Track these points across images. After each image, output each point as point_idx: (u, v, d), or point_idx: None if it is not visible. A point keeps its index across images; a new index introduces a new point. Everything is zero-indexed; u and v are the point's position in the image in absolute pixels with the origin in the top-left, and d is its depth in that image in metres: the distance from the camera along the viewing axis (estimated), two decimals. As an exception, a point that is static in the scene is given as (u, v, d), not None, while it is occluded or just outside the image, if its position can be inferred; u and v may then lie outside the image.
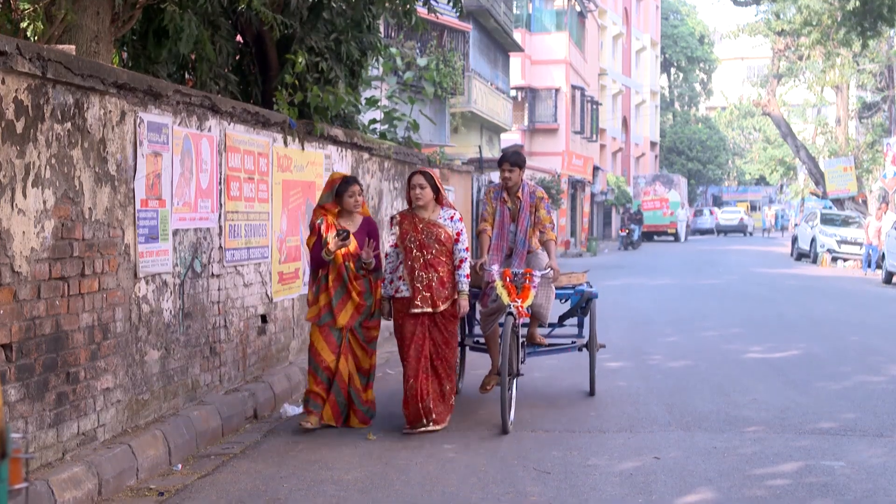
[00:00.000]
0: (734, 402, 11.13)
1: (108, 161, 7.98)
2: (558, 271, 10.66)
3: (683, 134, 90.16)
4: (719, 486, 7.86)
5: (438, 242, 9.81)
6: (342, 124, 15.07)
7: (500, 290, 10.11)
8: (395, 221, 10.02)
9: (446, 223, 9.90)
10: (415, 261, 9.78)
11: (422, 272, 9.75)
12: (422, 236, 9.79)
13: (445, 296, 9.80)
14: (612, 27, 70.39)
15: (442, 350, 9.84)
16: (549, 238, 10.78)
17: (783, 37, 47.54)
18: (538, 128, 55.23)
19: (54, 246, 7.21)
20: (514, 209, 10.84)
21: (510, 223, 10.85)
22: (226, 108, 10.21)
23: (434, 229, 9.83)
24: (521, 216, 10.78)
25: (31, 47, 6.83)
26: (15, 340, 6.75)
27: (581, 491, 7.72)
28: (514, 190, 10.83)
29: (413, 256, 9.78)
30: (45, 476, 6.81)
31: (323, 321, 9.93)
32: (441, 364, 9.84)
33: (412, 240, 9.80)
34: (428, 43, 32.40)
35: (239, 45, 14.73)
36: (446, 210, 10.00)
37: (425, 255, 9.77)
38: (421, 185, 9.83)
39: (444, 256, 9.85)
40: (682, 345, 16.03)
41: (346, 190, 10.04)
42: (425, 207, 9.88)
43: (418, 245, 9.78)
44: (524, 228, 10.78)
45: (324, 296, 9.95)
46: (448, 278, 9.84)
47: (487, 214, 10.91)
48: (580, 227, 58.15)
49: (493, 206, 10.89)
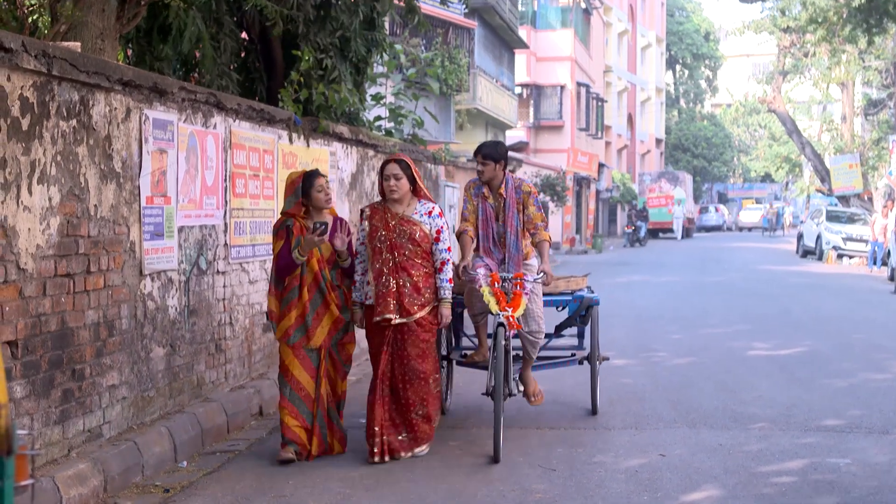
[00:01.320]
0: (739, 400, 11.12)
1: (113, 158, 7.98)
2: (552, 276, 9.28)
3: (689, 131, 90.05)
4: (725, 483, 7.85)
5: (412, 242, 8.55)
6: (347, 121, 15.07)
7: (488, 298, 8.81)
8: (365, 216, 8.77)
9: (423, 220, 8.64)
10: (383, 263, 8.54)
11: (389, 276, 8.48)
12: (393, 235, 8.56)
13: (421, 303, 8.55)
14: (618, 24, 70.35)
15: (414, 367, 8.53)
16: (543, 238, 9.38)
17: (789, 33, 47.43)
18: (543, 125, 55.19)
19: (60, 243, 7.21)
20: (497, 207, 9.48)
21: (494, 222, 9.47)
22: (231, 105, 10.21)
23: (408, 227, 8.58)
24: (509, 215, 9.40)
25: (36, 44, 6.83)
26: (21, 337, 6.75)
27: (586, 488, 7.72)
28: (494, 185, 9.48)
29: (382, 258, 8.55)
30: (50, 473, 6.82)
31: (294, 340, 8.58)
32: (409, 387, 8.56)
33: (382, 238, 8.58)
34: (433, 40, 32.39)
35: (244, 42, 14.75)
36: (424, 204, 8.75)
37: (396, 256, 8.52)
38: (396, 174, 8.61)
39: (420, 258, 8.60)
40: (688, 342, 16.02)
41: (313, 185, 8.68)
42: (400, 201, 8.65)
43: (388, 245, 8.55)
44: (514, 229, 9.41)
45: (296, 310, 8.58)
46: (425, 283, 8.60)
47: (468, 213, 9.51)
48: (585, 225, 58.14)
49: (473, 204, 9.52)
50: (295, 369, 8.61)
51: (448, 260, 8.71)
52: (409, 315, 8.51)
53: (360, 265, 8.77)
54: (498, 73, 43.85)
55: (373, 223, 8.67)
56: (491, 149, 9.52)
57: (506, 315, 8.73)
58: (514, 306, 8.85)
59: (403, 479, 7.99)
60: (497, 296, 8.86)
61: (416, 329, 8.55)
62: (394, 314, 8.46)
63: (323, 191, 8.72)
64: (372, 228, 8.65)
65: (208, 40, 12.57)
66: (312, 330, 8.59)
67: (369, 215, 8.74)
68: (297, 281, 8.58)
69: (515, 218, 9.42)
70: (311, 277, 8.60)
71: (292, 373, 8.61)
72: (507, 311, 8.76)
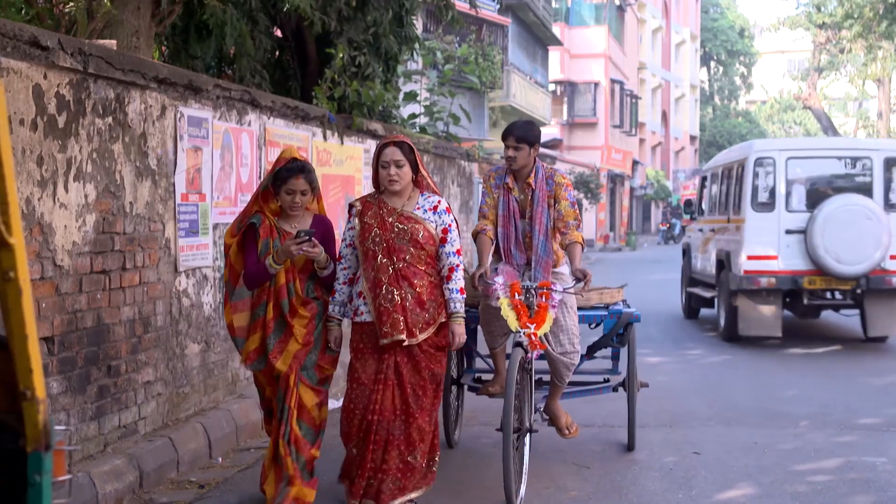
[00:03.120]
0: (775, 398, 11.08)
1: (148, 155, 8.01)
2: (589, 275, 7.60)
3: (723, 128, 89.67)
4: (760, 481, 7.82)
5: (415, 244, 6.80)
6: (381, 118, 15.09)
7: (507, 312, 7.35)
8: (355, 211, 6.98)
9: (427, 216, 6.90)
10: (380, 270, 6.75)
11: (391, 287, 6.72)
12: (390, 235, 6.79)
13: (426, 320, 6.78)
14: (652, 21, 70.15)
15: (413, 401, 6.79)
16: (575, 240, 7.78)
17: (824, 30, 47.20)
18: (577, 122, 55.14)
19: (96, 240, 7.24)
20: (523, 200, 7.95)
21: (519, 219, 7.94)
22: (265, 103, 10.23)
23: (409, 225, 6.83)
24: (537, 211, 7.84)
25: (72, 42, 6.86)
26: (57, 334, 6.79)
27: (621, 485, 7.70)
28: (522, 175, 7.94)
29: (378, 264, 6.76)
30: (86, 468, 6.85)
31: (255, 368, 6.95)
32: (405, 424, 6.77)
33: (376, 239, 6.79)
34: (467, 37, 32.40)
35: (278, 39, 14.79)
36: (427, 197, 7.00)
37: (395, 262, 6.76)
38: (397, 161, 6.85)
39: (424, 264, 6.84)
40: (722, 340, 15.93)
41: (286, 182, 6.80)
42: (400, 194, 6.93)
43: (385, 248, 6.76)
44: (543, 227, 7.83)
45: (259, 334, 6.86)
46: (430, 295, 6.83)
47: (487, 209, 8.02)
48: (619, 222, 58.03)
49: (494, 198, 8.00)
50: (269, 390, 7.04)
51: (458, 265, 6.97)
52: (412, 337, 6.74)
53: (342, 272, 6.97)
54: (531, 70, 43.81)
55: (365, 221, 6.88)
56: (524, 129, 7.93)
57: (527, 333, 7.30)
58: (539, 322, 7.37)
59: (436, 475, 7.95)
60: (517, 309, 7.39)
61: (418, 355, 6.81)
62: (400, 334, 6.69)
63: (293, 195, 6.82)
64: (364, 227, 6.86)
65: (245, 37, 12.61)
66: (275, 355, 6.81)
67: (360, 211, 6.94)
68: (266, 295, 6.88)
69: (545, 214, 7.86)
70: (276, 292, 6.85)
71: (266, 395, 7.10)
72: (528, 327, 7.31)
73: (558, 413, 8.30)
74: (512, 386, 7.10)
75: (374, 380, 6.77)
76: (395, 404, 6.75)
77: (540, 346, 7.35)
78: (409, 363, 6.78)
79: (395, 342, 6.72)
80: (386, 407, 6.73)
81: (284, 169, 6.80)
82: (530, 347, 7.29)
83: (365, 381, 6.79)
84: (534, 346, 7.30)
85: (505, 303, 7.37)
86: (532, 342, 7.29)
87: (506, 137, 7.93)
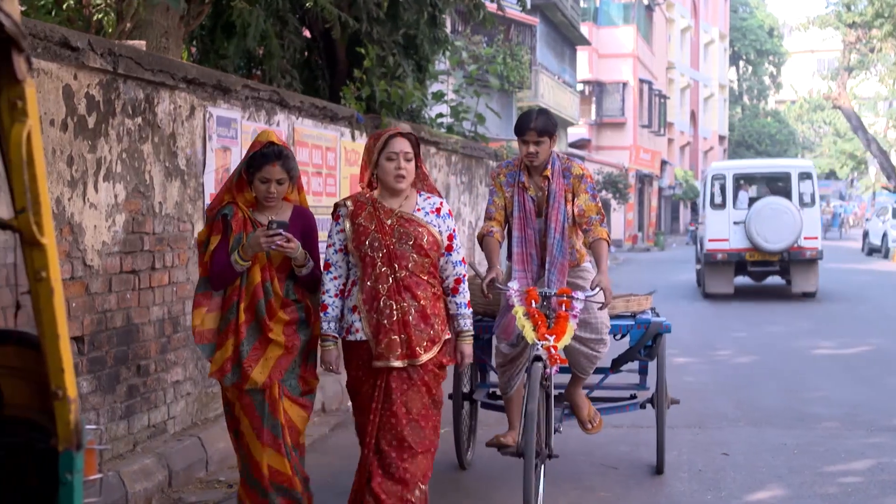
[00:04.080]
0: (804, 399, 11.03)
1: (177, 155, 8.04)
2: (610, 292, 6.76)
3: (752, 128, 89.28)
4: (789, 482, 7.78)
5: (419, 251, 5.83)
6: (409, 118, 15.10)
7: (522, 322, 6.61)
8: (346, 212, 5.92)
9: (430, 219, 5.93)
10: (379, 280, 5.78)
11: (389, 299, 5.75)
12: (391, 240, 5.81)
13: (430, 338, 5.81)
14: (681, 20, 69.92)
15: (415, 431, 5.79)
16: (599, 237, 7.02)
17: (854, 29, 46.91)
18: (605, 122, 55.03)
19: (125, 240, 7.27)
20: (540, 198, 7.14)
21: (535, 220, 7.15)
22: (294, 103, 10.25)
23: (411, 229, 5.85)
24: (554, 207, 7.04)
25: (102, 43, 6.90)
26: (87, 333, 6.83)
27: (649, 486, 7.69)
28: (538, 169, 7.13)
29: (376, 273, 5.78)
30: (116, 467, 6.89)
31: (229, 381, 5.92)
32: (405, 458, 5.76)
33: (375, 244, 5.80)
34: (495, 37, 32.38)
35: (307, 39, 14.82)
36: (427, 198, 6.03)
37: (397, 270, 5.78)
38: (406, 153, 5.93)
39: (426, 274, 5.87)
40: (751, 340, 15.91)
41: (261, 169, 5.85)
42: (399, 192, 5.94)
43: (386, 255, 5.78)
44: (559, 225, 7.04)
45: (231, 340, 5.87)
46: (434, 309, 5.87)
47: (496, 209, 7.20)
48: (647, 222, 57.89)
49: (504, 197, 7.21)
50: (238, 414, 6.00)
51: (465, 276, 6.10)
52: (415, 357, 5.76)
53: (332, 282, 5.92)
54: (560, 69, 43.75)
55: (358, 222, 5.87)
56: (544, 120, 7.07)
57: (546, 345, 6.53)
58: (558, 333, 6.57)
59: (465, 477, 7.94)
60: (534, 319, 6.62)
61: (419, 377, 5.82)
62: (400, 357, 5.75)
63: (269, 184, 5.86)
64: (358, 230, 5.86)
65: (271, 37, 12.64)
66: (250, 364, 5.84)
67: (352, 211, 5.91)
68: (237, 295, 5.91)
69: (562, 211, 7.05)
70: (249, 292, 5.88)
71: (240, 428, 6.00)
72: (547, 339, 6.54)
73: (580, 402, 7.58)
74: (535, 407, 6.36)
75: (369, 405, 5.82)
76: (393, 436, 5.76)
77: (561, 361, 6.57)
78: (407, 388, 5.77)
79: (391, 367, 5.75)
80: (385, 438, 5.77)
81: (259, 154, 5.87)
82: (550, 362, 6.52)
83: (364, 409, 5.88)
84: (553, 360, 6.52)
85: (520, 311, 6.64)
86: (552, 356, 6.51)
87: (523, 131, 7.03)
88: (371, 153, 5.93)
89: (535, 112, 7.16)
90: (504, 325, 6.91)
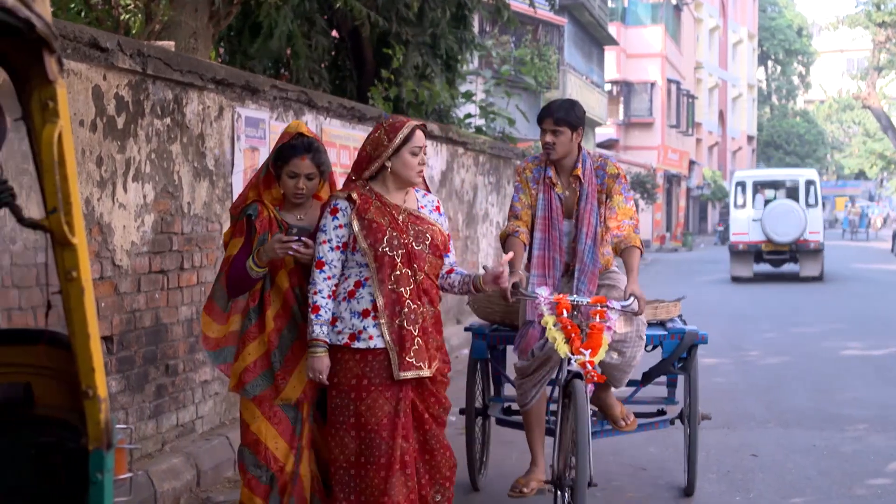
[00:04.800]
0: (833, 400, 10.97)
1: (206, 156, 8.06)
2: (644, 300, 6.17)
3: (781, 128, 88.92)
4: (818, 484, 7.74)
5: (434, 251, 5.44)
6: (437, 119, 15.11)
7: (553, 334, 5.86)
8: (351, 206, 5.36)
9: (433, 217, 5.55)
10: (400, 282, 5.29)
11: (413, 304, 5.29)
12: (409, 239, 5.36)
13: (438, 345, 5.46)
14: (709, 20, 69.70)
15: (434, 437, 5.44)
16: (632, 244, 6.38)
17: (884, 28, 46.73)
18: (633, 122, 54.93)
19: (154, 240, 7.30)
20: (569, 198, 6.52)
21: (563, 221, 6.52)
22: (322, 103, 10.27)
23: (424, 227, 5.44)
24: (585, 209, 6.43)
25: (131, 44, 6.92)
26: (116, 333, 6.85)
27: (678, 488, 7.65)
28: (566, 166, 6.51)
29: (397, 275, 5.29)
30: (145, 467, 6.91)
31: (254, 391, 5.36)
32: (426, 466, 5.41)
33: (394, 244, 5.31)
34: (523, 37, 32.37)
35: (335, 40, 14.85)
36: (424, 195, 5.66)
37: (417, 272, 5.34)
38: (425, 148, 5.60)
39: (435, 275, 5.51)
40: (780, 341, 15.85)
41: (289, 163, 5.40)
42: (406, 188, 5.53)
43: (406, 255, 5.32)
44: (592, 229, 6.43)
45: (255, 345, 5.37)
46: (438, 316, 5.56)
47: (521, 207, 6.55)
48: (675, 222, 57.74)
49: (530, 194, 6.57)
50: (264, 431, 5.36)
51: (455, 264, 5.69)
52: (430, 366, 5.37)
53: (325, 282, 5.34)
54: (587, 70, 43.71)
55: (368, 218, 5.35)
56: (564, 109, 6.44)
57: (580, 361, 5.81)
58: (593, 347, 5.83)
59: (492, 474, 7.92)
60: (567, 330, 5.87)
61: (430, 386, 5.43)
62: (424, 366, 5.32)
63: (297, 178, 5.41)
64: (371, 227, 5.33)
65: (298, 38, 12.67)
66: (284, 376, 5.34)
67: (359, 206, 5.36)
68: (255, 301, 5.42)
69: (594, 214, 6.46)
70: (278, 299, 5.42)
71: (258, 434, 5.36)
72: (582, 354, 5.80)
73: (611, 402, 6.98)
74: (586, 433, 5.68)
75: (391, 425, 5.25)
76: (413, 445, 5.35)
77: (598, 378, 5.88)
78: (423, 398, 5.40)
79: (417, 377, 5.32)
80: (411, 454, 5.31)
81: (287, 146, 5.42)
82: (587, 380, 5.82)
83: (375, 426, 5.24)
84: (590, 378, 5.81)
85: (551, 321, 5.88)
86: (587, 373, 5.79)
87: (542, 120, 6.48)
88: (380, 145, 5.42)
89: (559, 101, 6.61)
90: (523, 344, 6.37)
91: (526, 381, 6.50)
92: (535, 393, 6.49)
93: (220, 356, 5.47)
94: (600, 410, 6.99)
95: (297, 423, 5.37)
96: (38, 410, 3.41)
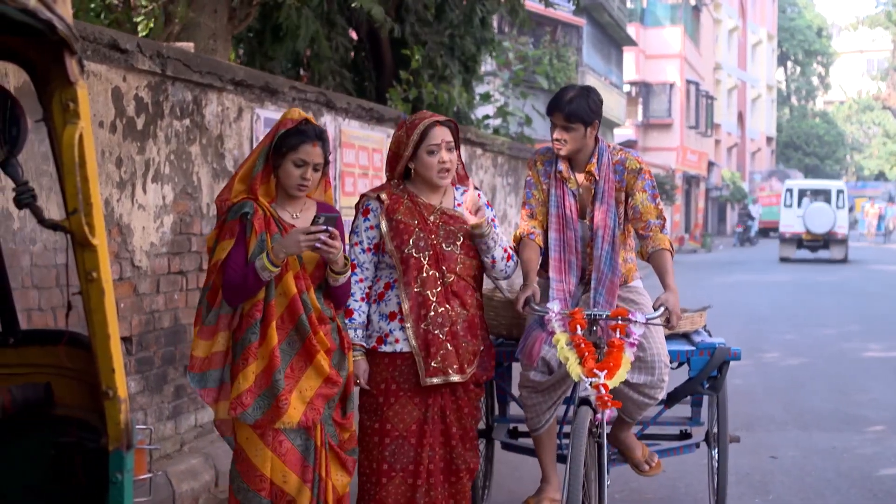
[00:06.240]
0: (853, 402, 10.94)
1: (225, 157, 8.07)
2: (679, 315, 5.33)
3: (800, 129, 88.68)
4: (838, 486, 7.72)
5: (467, 252, 5.23)
6: (456, 120, 15.12)
7: (565, 353, 5.16)
8: (380, 207, 5.20)
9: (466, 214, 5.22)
10: (427, 284, 5.11)
11: (440, 307, 5.09)
12: (437, 239, 5.16)
13: (473, 350, 5.22)
14: (728, 21, 69.53)
15: (457, 452, 5.21)
16: (661, 246, 5.64)
17: (904, 29, 46.56)
18: (652, 123, 54.82)
19: (173, 241, 7.31)
20: (583, 195, 5.72)
21: (577, 220, 5.72)
22: (341, 104, 10.28)
23: (455, 226, 5.22)
24: (601, 209, 5.64)
25: (151, 45, 6.94)
26: (135, 333, 6.87)
27: (696, 490, 7.64)
28: (580, 160, 5.69)
29: (423, 277, 5.11)
30: (163, 467, 6.92)
31: (253, 416, 4.66)
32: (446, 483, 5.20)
33: (420, 245, 5.13)
34: (541, 38, 32.34)
35: (353, 41, 14.86)
36: (463, 191, 5.37)
37: (445, 274, 5.14)
38: (448, 143, 5.18)
39: (472, 278, 5.27)
40: (799, 342, 15.80)
41: (297, 149, 4.73)
42: (437, 187, 5.26)
43: (433, 256, 5.13)
44: (609, 232, 5.64)
45: (256, 363, 4.67)
46: (479, 319, 5.32)
47: (535, 203, 5.81)
48: (694, 223, 57.62)
49: (542, 189, 5.80)
50: (274, 471, 4.69)
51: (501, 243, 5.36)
52: (462, 372, 5.15)
53: (357, 285, 5.18)
54: (606, 70, 43.64)
55: (397, 218, 5.16)
56: (577, 103, 5.54)
57: (594, 384, 5.08)
58: (611, 368, 5.11)
59: (510, 479, 7.88)
60: (581, 349, 5.16)
61: (462, 396, 5.23)
62: (453, 372, 5.11)
63: (304, 168, 4.76)
64: (398, 227, 5.15)
65: (320, 39, 12.69)
66: (285, 397, 4.65)
67: (388, 206, 5.18)
68: (260, 312, 4.71)
69: (612, 214, 5.65)
70: (283, 306, 4.73)
71: (262, 473, 4.68)
72: (597, 375, 5.08)
73: (631, 443, 6.20)
74: (579, 456, 4.95)
75: (420, 431, 5.10)
76: (435, 457, 5.14)
77: (613, 404, 5.11)
78: (454, 407, 5.18)
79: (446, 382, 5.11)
80: (437, 465, 5.13)
81: (294, 131, 4.74)
82: (599, 406, 5.11)
83: (403, 432, 5.10)
84: (604, 403, 5.08)
85: (563, 339, 5.19)
86: (601, 398, 5.07)
87: (551, 111, 5.63)
88: (402, 144, 5.18)
89: (572, 89, 5.68)
90: (528, 349, 5.58)
91: (539, 404, 5.70)
92: (549, 416, 5.75)
93: (203, 380, 4.78)
94: (620, 453, 6.22)
95: (310, 452, 4.74)
96: (58, 411, 3.42)
